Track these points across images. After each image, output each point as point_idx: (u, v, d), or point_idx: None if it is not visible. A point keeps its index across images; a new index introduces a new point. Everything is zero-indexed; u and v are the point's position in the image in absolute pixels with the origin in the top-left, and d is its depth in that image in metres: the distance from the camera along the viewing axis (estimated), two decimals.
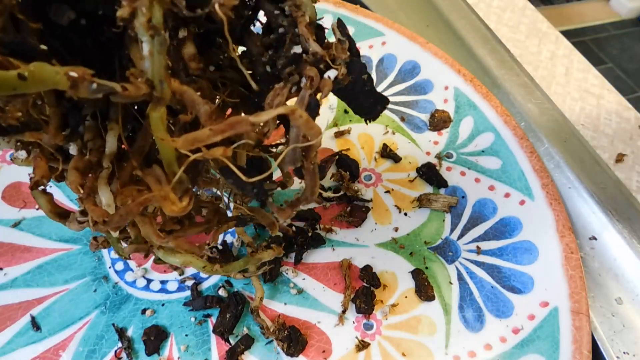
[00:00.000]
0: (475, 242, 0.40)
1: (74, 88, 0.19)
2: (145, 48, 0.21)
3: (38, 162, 0.25)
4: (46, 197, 0.28)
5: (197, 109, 0.23)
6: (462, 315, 0.37)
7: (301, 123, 0.23)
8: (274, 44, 0.25)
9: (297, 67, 0.24)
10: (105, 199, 0.24)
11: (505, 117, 0.46)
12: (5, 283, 0.40)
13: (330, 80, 0.24)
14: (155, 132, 0.22)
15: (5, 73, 0.18)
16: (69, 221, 0.27)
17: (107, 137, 0.24)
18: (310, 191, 0.28)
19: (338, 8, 0.55)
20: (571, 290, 0.36)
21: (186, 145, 0.22)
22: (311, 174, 0.27)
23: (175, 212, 0.23)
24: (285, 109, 0.23)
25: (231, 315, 0.37)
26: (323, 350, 0.36)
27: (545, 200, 0.41)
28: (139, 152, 0.24)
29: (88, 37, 0.23)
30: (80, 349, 0.36)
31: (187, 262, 0.30)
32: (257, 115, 0.22)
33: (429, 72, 0.50)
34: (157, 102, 0.21)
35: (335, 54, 0.25)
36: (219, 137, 0.22)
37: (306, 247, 0.40)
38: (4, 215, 0.43)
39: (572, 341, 0.34)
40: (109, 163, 0.24)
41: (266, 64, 0.25)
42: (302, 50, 0.24)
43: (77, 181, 0.24)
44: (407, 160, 0.46)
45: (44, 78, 0.19)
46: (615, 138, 0.49)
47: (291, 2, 0.24)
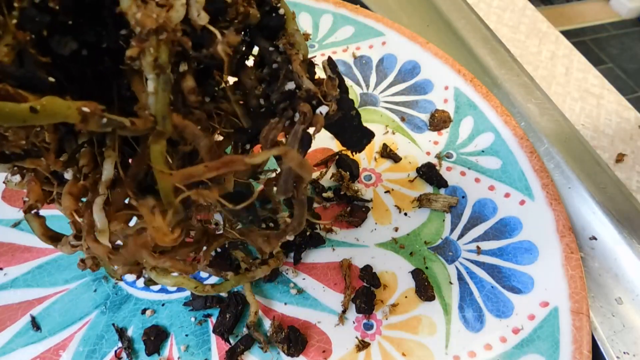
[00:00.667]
0: (475, 242, 0.40)
1: (84, 122, 0.20)
2: (151, 85, 0.22)
3: (32, 186, 0.26)
4: (39, 220, 0.28)
5: (197, 142, 0.24)
6: (462, 315, 0.37)
7: (294, 164, 0.24)
8: (267, 78, 0.26)
9: (290, 103, 0.25)
10: (101, 224, 0.24)
11: (505, 117, 0.46)
12: (5, 283, 0.40)
13: (322, 116, 0.25)
14: (155, 164, 0.23)
15: (17, 106, 0.19)
16: (61, 244, 0.28)
17: (105, 164, 0.24)
18: (298, 221, 0.29)
19: (338, 8, 0.55)
20: (571, 290, 0.36)
21: (182, 180, 0.23)
22: (300, 204, 0.28)
23: (166, 243, 0.24)
24: (279, 151, 0.24)
25: (231, 315, 0.37)
26: (323, 350, 0.36)
27: (545, 200, 0.41)
28: (133, 178, 0.25)
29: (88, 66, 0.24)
30: (80, 349, 0.36)
31: (179, 284, 0.31)
32: (252, 157, 0.23)
33: (429, 72, 0.50)
34: (159, 135, 0.22)
35: (326, 91, 0.26)
36: (213, 173, 0.23)
37: (305, 247, 0.40)
38: (4, 215, 0.43)
39: (572, 341, 0.34)
40: (105, 190, 0.24)
41: (259, 97, 0.26)
42: (295, 87, 0.25)
43: (71, 207, 0.24)
44: (407, 160, 0.46)
45: (55, 112, 0.19)
46: (615, 138, 0.49)
47: (285, 40, 0.25)
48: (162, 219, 0.24)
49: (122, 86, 0.24)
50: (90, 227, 0.24)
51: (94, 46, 0.23)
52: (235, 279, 0.35)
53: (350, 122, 0.29)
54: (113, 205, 0.24)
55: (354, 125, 0.29)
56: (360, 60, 0.52)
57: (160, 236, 0.24)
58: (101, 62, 0.24)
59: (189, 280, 0.31)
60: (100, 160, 0.24)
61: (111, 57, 0.24)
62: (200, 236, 0.32)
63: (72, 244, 0.27)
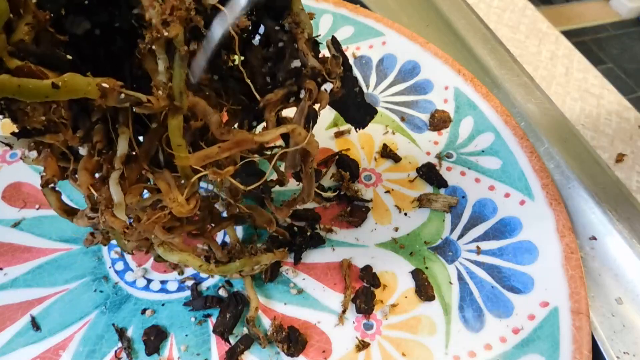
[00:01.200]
0: (475, 242, 0.40)
1: (103, 98, 0.21)
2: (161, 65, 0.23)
3: (49, 161, 0.27)
4: (56, 194, 0.29)
5: (208, 118, 0.25)
6: (462, 315, 0.37)
7: (301, 140, 0.26)
8: (273, 56, 0.27)
9: (296, 80, 0.26)
10: (117, 198, 0.25)
11: (505, 117, 0.46)
12: (5, 283, 0.40)
13: (327, 93, 0.27)
14: (173, 137, 0.24)
15: (40, 82, 0.20)
16: (77, 217, 0.29)
17: (119, 140, 0.25)
18: (307, 193, 0.30)
19: (338, 8, 0.55)
20: (571, 290, 0.36)
21: (199, 162, 0.25)
22: (308, 177, 0.30)
23: (183, 213, 0.26)
24: (287, 128, 0.26)
25: (231, 315, 0.37)
26: (323, 350, 0.36)
27: (545, 200, 0.41)
28: (146, 154, 0.26)
29: (100, 46, 0.25)
30: (80, 349, 0.36)
31: (184, 260, 0.32)
32: (262, 135, 0.25)
33: (429, 72, 0.50)
34: (176, 111, 0.24)
35: (331, 69, 0.27)
36: (227, 153, 0.25)
37: (305, 247, 0.40)
38: (4, 215, 0.43)
39: (572, 341, 0.34)
40: (120, 164, 0.25)
41: (265, 75, 0.27)
42: (300, 64, 0.26)
43: (87, 181, 0.25)
44: (407, 160, 0.46)
45: (75, 87, 0.21)
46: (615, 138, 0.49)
47: (291, 19, 0.26)
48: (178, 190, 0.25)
49: (134, 65, 0.25)
50: (108, 201, 0.25)
51: (106, 26, 0.24)
52: (240, 262, 0.35)
53: (353, 99, 0.30)
54: (127, 180, 0.25)
55: (357, 102, 0.30)
56: (360, 60, 0.52)
57: (177, 207, 0.25)
58: (114, 42, 0.25)
59: (194, 258, 0.32)
60: (115, 136, 0.26)
61: (123, 37, 0.25)
62: (207, 213, 0.33)
63: (89, 216, 0.28)
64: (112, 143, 0.26)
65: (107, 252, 0.41)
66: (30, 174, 0.46)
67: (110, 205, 0.25)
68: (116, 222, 0.25)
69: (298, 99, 0.27)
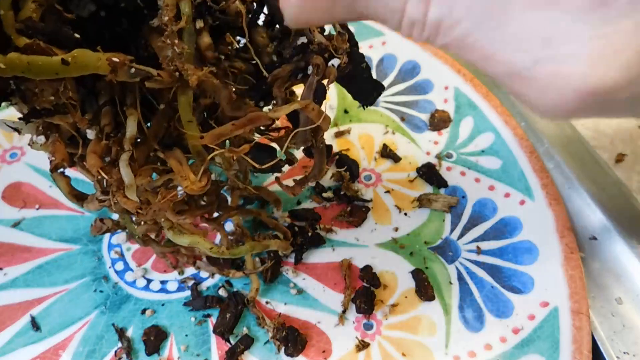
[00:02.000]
0: (475, 242, 0.40)
1: (114, 72, 0.21)
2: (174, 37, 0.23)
3: (57, 146, 0.27)
4: (65, 179, 0.29)
5: (218, 94, 0.25)
6: (462, 315, 0.37)
7: (313, 115, 0.27)
8: (278, 35, 0.27)
9: (303, 56, 0.27)
10: (128, 179, 0.25)
11: (505, 117, 0.46)
12: (5, 283, 0.40)
13: (334, 68, 0.27)
14: (183, 114, 0.24)
15: (49, 59, 0.20)
16: (88, 201, 0.29)
17: (128, 121, 0.25)
18: (319, 168, 0.31)
19: None
20: (571, 290, 0.36)
21: (213, 140, 0.25)
22: (319, 152, 0.30)
23: (195, 191, 0.26)
24: (300, 104, 0.26)
25: (231, 315, 0.37)
26: (323, 350, 0.36)
27: (545, 200, 0.41)
28: (154, 136, 0.26)
29: (106, 27, 0.25)
30: (80, 349, 0.36)
31: (195, 242, 0.32)
32: (275, 111, 0.25)
33: (429, 72, 0.50)
34: (185, 87, 0.24)
35: (337, 45, 0.27)
36: (240, 131, 0.25)
37: (306, 247, 0.40)
38: (4, 215, 0.43)
39: (572, 341, 0.34)
40: (129, 146, 0.25)
41: (271, 54, 0.27)
42: (307, 41, 0.26)
43: (97, 164, 0.25)
44: (407, 160, 0.46)
45: (86, 63, 0.21)
46: (615, 138, 0.49)
47: None
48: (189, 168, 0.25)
49: (140, 47, 0.25)
50: (119, 183, 0.25)
51: (111, 7, 0.24)
52: (250, 245, 0.35)
53: (360, 75, 0.30)
54: (137, 162, 0.26)
55: (364, 78, 0.30)
56: None
57: (189, 184, 0.25)
58: (119, 23, 0.25)
59: (204, 240, 0.32)
60: (123, 118, 0.26)
61: (129, 18, 0.25)
62: (214, 197, 0.33)
63: (99, 199, 0.28)
64: (120, 126, 0.26)
65: (107, 252, 0.41)
66: (31, 174, 0.46)
67: (121, 187, 0.25)
68: (128, 203, 0.25)
69: (306, 76, 0.27)
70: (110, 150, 0.26)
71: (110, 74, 0.21)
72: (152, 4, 0.24)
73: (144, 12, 0.24)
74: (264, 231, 0.41)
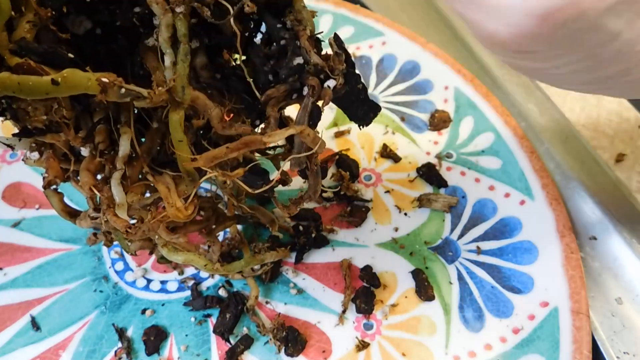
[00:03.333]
0: (475, 242, 0.40)
1: (103, 92, 0.21)
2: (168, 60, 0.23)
3: (51, 162, 0.27)
4: (58, 196, 0.29)
5: (209, 113, 0.25)
6: (462, 315, 0.37)
7: (309, 140, 0.26)
8: (275, 54, 0.27)
9: (299, 77, 0.26)
10: (119, 198, 0.25)
11: (505, 117, 0.46)
12: (5, 283, 0.40)
13: (330, 89, 0.27)
14: (174, 133, 0.24)
15: (39, 79, 0.20)
16: (80, 219, 0.29)
17: (121, 140, 0.25)
18: (313, 190, 0.31)
19: (338, 8, 0.55)
20: (571, 290, 0.36)
21: (207, 163, 0.25)
22: (314, 175, 0.30)
23: (180, 219, 0.26)
24: (295, 130, 0.26)
25: (231, 315, 0.37)
26: (323, 350, 0.36)
27: (545, 200, 0.41)
28: (147, 153, 0.26)
29: (102, 45, 0.25)
30: (80, 349, 0.36)
31: (189, 260, 0.31)
32: (270, 136, 0.25)
33: (429, 72, 0.50)
34: (177, 106, 0.24)
35: (333, 65, 0.27)
36: (235, 154, 0.25)
37: (309, 248, 0.40)
38: (4, 215, 0.43)
39: (572, 341, 0.34)
40: (122, 165, 0.25)
41: (268, 73, 0.27)
42: (303, 62, 0.26)
43: (89, 182, 0.25)
44: (407, 160, 0.46)
45: (75, 83, 0.21)
46: (615, 138, 0.49)
47: (293, 17, 0.26)
48: (177, 196, 0.26)
49: (136, 64, 0.25)
50: (110, 201, 0.25)
51: (108, 25, 0.24)
52: (245, 260, 0.35)
53: (357, 96, 0.30)
54: (129, 179, 0.26)
55: (360, 99, 0.30)
56: (360, 60, 0.52)
57: (175, 212, 0.25)
58: (115, 41, 0.25)
59: (199, 257, 0.32)
60: (116, 136, 0.26)
61: (125, 36, 0.25)
62: (211, 213, 0.33)
63: (91, 217, 0.28)
64: (114, 143, 0.26)
65: (107, 252, 0.41)
66: (30, 174, 0.46)
67: (112, 205, 0.25)
68: (118, 222, 0.25)
69: (301, 96, 0.27)
70: (104, 168, 0.26)
71: (100, 94, 0.21)
72: (148, 22, 0.24)
73: (140, 30, 0.24)
74: (265, 231, 0.41)
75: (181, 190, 0.26)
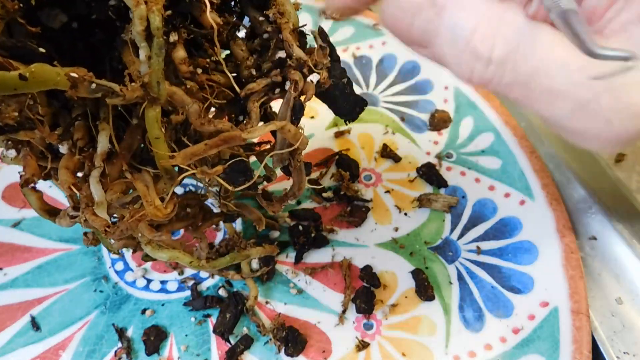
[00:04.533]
0: (475, 242, 0.40)
1: (74, 88, 0.21)
2: (142, 54, 0.22)
3: (28, 160, 0.26)
4: (36, 194, 0.29)
5: (187, 109, 0.24)
6: (462, 315, 0.37)
7: (290, 136, 0.26)
8: (258, 48, 0.26)
9: (281, 71, 0.26)
10: (98, 196, 0.24)
11: (505, 117, 0.46)
12: (5, 283, 0.40)
13: (313, 84, 0.26)
14: (150, 130, 0.23)
15: (6, 74, 0.19)
16: (60, 217, 0.28)
17: (99, 137, 0.25)
18: (298, 187, 0.30)
19: None
20: (571, 290, 0.36)
21: (185, 160, 0.24)
22: (298, 171, 0.29)
23: (159, 217, 0.25)
24: (275, 125, 0.25)
25: (231, 315, 0.37)
26: (323, 350, 0.36)
27: (545, 200, 0.41)
28: (127, 150, 0.25)
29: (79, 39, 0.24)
30: (80, 349, 0.36)
31: (174, 257, 0.31)
32: (249, 132, 0.25)
33: (429, 72, 0.50)
34: (153, 102, 0.23)
35: (317, 59, 0.26)
36: (214, 150, 0.24)
37: (308, 248, 0.40)
38: (4, 215, 0.43)
39: (572, 341, 0.34)
40: (100, 162, 0.24)
41: (251, 68, 0.26)
42: (286, 55, 0.26)
43: (68, 180, 0.25)
44: (407, 160, 0.46)
45: (44, 78, 0.20)
46: None
47: (275, 9, 0.26)
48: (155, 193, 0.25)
49: (114, 58, 0.25)
50: (89, 200, 0.25)
51: (84, 18, 0.23)
52: (230, 256, 0.34)
53: (341, 90, 0.29)
54: (109, 177, 0.25)
55: (345, 93, 0.29)
56: (360, 60, 0.52)
57: (154, 211, 0.25)
58: (92, 34, 0.24)
59: (184, 254, 0.31)
60: (95, 133, 0.25)
61: (102, 30, 0.24)
62: (197, 211, 0.33)
63: (71, 215, 0.27)
64: (93, 140, 0.25)
65: (107, 252, 0.41)
66: None
67: (91, 203, 0.24)
68: (97, 221, 0.25)
69: (283, 91, 0.26)
70: (84, 166, 0.25)
71: (70, 89, 0.21)
72: (125, 15, 0.23)
73: (117, 23, 0.24)
74: (265, 231, 0.41)
75: (160, 188, 0.25)
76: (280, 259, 0.40)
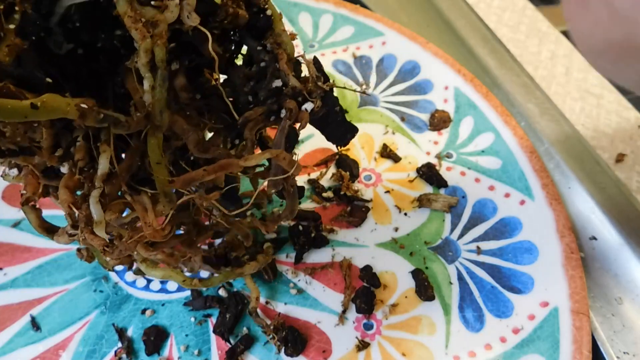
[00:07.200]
0: (475, 242, 0.40)
1: (82, 118, 0.22)
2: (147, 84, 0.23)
3: (29, 179, 0.27)
4: (36, 212, 0.30)
5: (186, 137, 0.26)
6: (462, 315, 0.37)
7: (284, 163, 0.27)
8: (255, 76, 0.27)
9: (277, 99, 0.27)
10: (97, 216, 0.25)
11: (505, 117, 0.46)
12: (5, 283, 0.40)
13: (308, 112, 0.27)
14: (152, 155, 0.25)
15: (19, 103, 0.20)
16: (58, 235, 0.29)
17: (100, 159, 0.25)
18: (290, 210, 0.32)
19: (338, 8, 0.55)
20: (571, 290, 0.36)
21: (184, 185, 0.25)
22: (291, 195, 0.31)
23: (157, 238, 0.26)
24: (271, 153, 0.26)
25: (231, 315, 0.37)
26: (323, 350, 0.36)
27: (545, 200, 0.41)
28: (127, 171, 0.26)
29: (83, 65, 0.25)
30: (80, 349, 0.36)
31: (167, 276, 0.32)
32: (247, 159, 0.26)
33: (429, 72, 0.50)
34: (155, 129, 0.24)
35: (311, 88, 0.27)
36: (212, 176, 0.26)
37: (308, 248, 0.40)
38: (4, 215, 0.43)
39: (572, 341, 0.34)
40: (100, 183, 0.25)
41: (248, 94, 0.27)
42: (282, 84, 0.27)
43: (68, 199, 0.25)
44: (407, 160, 0.46)
45: (55, 108, 0.21)
46: (615, 138, 0.49)
47: (272, 40, 0.27)
48: (154, 216, 0.25)
49: (117, 84, 0.25)
50: (88, 219, 0.25)
51: (89, 45, 0.24)
52: (223, 275, 0.35)
53: (334, 118, 0.30)
54: (108, 197, 0.26)
55: (338, 121, 0.31)
56: (360, 60, 0.52)
57: (152, 232, 0.25)
58: (96, 61, 0.25)
59: (177, 273, 0.32)
60: (95, 154, 0.26)
61: (106, 56, 0.25)
62: (192, 227, 0.33)
63: (69, 233, 0.28)
64: (94, 160, 0.26)
65: None
66: None
67: (90, 223, 0.25)
68: (95, 240, 0.25)
69: (279, 118, 0.27)
70: (83, 185, 0.26)
71: (78, 119, 0.22)
72: (129, 44, 0.24)
73: (121, 51, 0.24)
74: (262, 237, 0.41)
75: (159, 210, 0.26)
76: (280, 259, 0.40)
